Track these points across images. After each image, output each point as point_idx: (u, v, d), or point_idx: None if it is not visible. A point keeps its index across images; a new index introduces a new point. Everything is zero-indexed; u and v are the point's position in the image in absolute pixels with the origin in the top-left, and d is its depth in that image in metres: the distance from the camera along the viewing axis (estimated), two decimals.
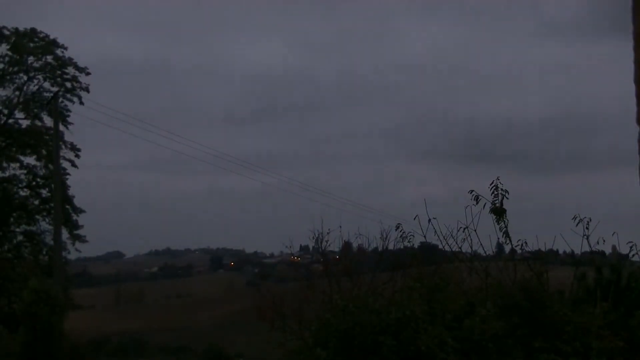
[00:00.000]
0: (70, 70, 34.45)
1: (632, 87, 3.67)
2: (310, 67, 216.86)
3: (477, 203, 11.52)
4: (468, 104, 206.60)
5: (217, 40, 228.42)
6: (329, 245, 15.23)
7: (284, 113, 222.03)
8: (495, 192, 11.46)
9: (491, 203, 11.51)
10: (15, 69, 33.97)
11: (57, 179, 29.64)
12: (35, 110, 34.37)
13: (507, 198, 11.50)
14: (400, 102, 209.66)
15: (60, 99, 32.54)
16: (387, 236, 14.47)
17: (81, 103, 34.08)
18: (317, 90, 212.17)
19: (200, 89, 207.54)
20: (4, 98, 34.26)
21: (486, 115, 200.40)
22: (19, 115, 34.69)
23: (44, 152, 33.77)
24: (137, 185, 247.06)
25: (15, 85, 34.30)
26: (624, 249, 11.98)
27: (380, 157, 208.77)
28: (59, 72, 34.27)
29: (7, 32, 33.73)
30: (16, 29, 33.96)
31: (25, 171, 34.52)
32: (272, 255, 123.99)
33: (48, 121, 33.87)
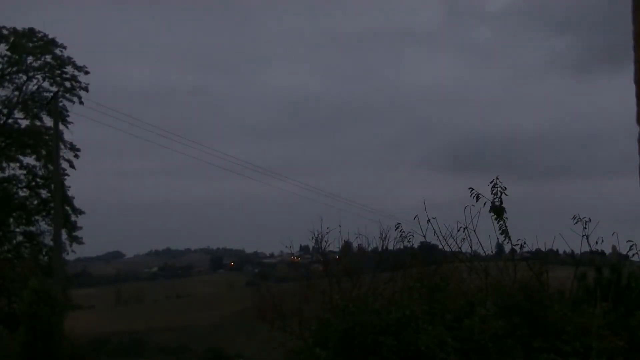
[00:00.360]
0: (70, 69, 34.45)
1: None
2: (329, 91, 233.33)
3: (477, 201, 11.51)
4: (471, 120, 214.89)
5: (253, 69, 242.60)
6: (329, 245, 15.23)
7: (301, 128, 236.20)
8: (495, 191, 11.46)
9: (491, 202, 11.50)
10: (15, 68, 33.95)
11: (56, 179, 29.62)
12: (35, 110, 34.34)
13: (507, 195, 11.49)
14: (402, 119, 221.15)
15: (60, 99, 32.53)
16: (386, 236, 14.47)
17: (81, 103, 34.08)
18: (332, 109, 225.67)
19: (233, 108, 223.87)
20: (4, 98, 34.28)
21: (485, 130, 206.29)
22: (18, 115, 34.71)
23: (43, 152, 33.75)
24: (137, 185, 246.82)
25: (15, 85, 34.31)
26: (623, 249, 11.98)
27: (384, 165, 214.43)
28: (58, 71, 34.24)
29: (5, 32, 33.72)
30: (14, 28, 33.98)
31: (24, 171, 34.52)
32: (272, 255, 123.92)
33: (47, 121, 33.90)
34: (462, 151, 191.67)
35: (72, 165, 34.66)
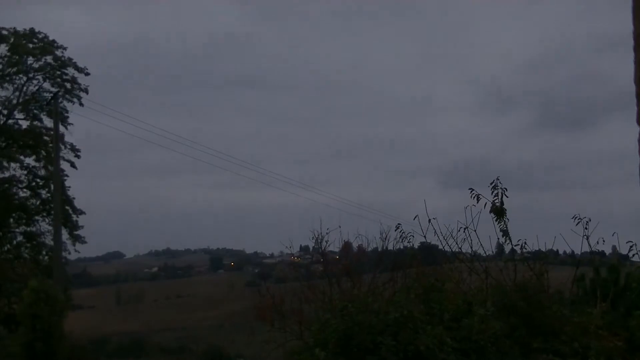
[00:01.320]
0: (70, 70, 34.46)
1: None
2: None
3: (477, 202, 11.52)
4: None
5: None
6: (329, 245, 15.23)
7: None
8: (495, 191, 11.46)
9: (491, 203, 11.50)
10: (15, 69, 33.93)
11: (56, 180, 29.63)
12: (35, 110, 34.37)
13: (507, 196, 11.50)
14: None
15: (60, 100, 32.53)
16: (386, 236, 14.47)
17: (81, 104, 34.09)
18: None
19: None
20: (4, 99, 34.25)
21: None
22: (18, 115, 34.70)
23: (43, 152, 33.76)
24: (137, 185, 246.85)
25: (15, 85, 34.30)
26: (624, 249, 11.99)
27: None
28: (58, 72, 34.25)
29: (6, 33, 33.73)
30: (15, 29, 33.99)
31: (25, 172, 34.52)
32: (272, 256, 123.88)
33: (47, 122, 33.90)
34: None
35: (72, 166, 34.70)
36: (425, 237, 12.70)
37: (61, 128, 32.55)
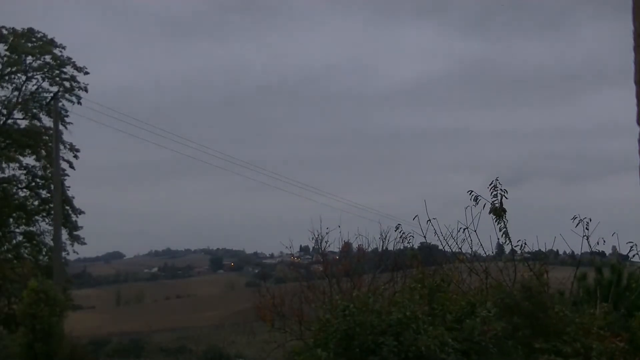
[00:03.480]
0: (69, 69, 34.39)
1: None
2: None
3: (476, 204, 11.49)
4: None
5: None
6: (329, 245, 15.22)
7: None
8: (495, 192, 11.43)
9: (491, 203, 11.47)
10: (14, 69, 33.87)
11: (56, 180, 29.58)
12: (34, 110, 34.29)
13: (507, 198, 11.47)
14: None
15: (59, 99, 32.47)
16: (386, 237, 14.45)
17: (79, 103, 34.02)
18: None
19: None
20: (3, 98, 34.15)
21: None
22: (17, 115, 34.61)
23: (43, 152, 33.69)
24: (137, 185, 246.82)
25: (14, 85, 34.23)
26: (624, 250, 11.96)
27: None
28: (57, 71, 34.18)
29: (5, 32, 33.67)
30: (14, 28, 33.91)
31: (24, 171, 34.45)
32: (272, 256, 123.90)
33: (47, 121, 33.84)
34: None
35: (71, 166, 34.64)
36: (425, 237, 12.70)
37: (60, 127, 32.52)
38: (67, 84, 34.19)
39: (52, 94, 32.19)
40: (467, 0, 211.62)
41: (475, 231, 11.91)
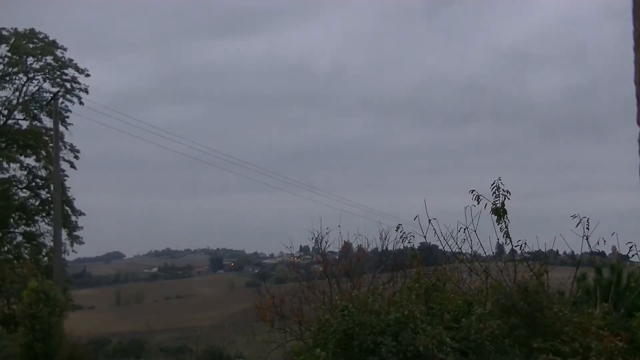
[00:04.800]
0: (70, 71, 34.41)
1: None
2: None
3: (478, 203, 11.49)
4: None
5: None
6: (329, 245, 15.23)
7: None
8: (497, 193, 11.43)
9: (492, 203, 11.48)
10: (15, 69, 33.88)
11: (56, 180, 29.58)
12: (35, 111, 34.30)
13: (509, 198, 11.46)
14: None
15: (60, 100, 32.49)
16: (386, 237, 14.46)
17: (81, 103, 34.04)
18: None
19: None
20: (4, 99, 34.19)
21: None
22: (18, 116, 34.63)
23: (43, 153, 33.71)
24: (137, 185, 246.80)
25: (15, 86, 34.25)
26: (624, 250, 11.96)
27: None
28: (58, 72, 34.20)
29: (6, 33, 33.69)
30: (15, 29, 33.94)
31: (25, 172, 34.46)
32: (272, 256, 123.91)
33: (47, 122, 33.86)
34: None
35: (72, 166, 34.67)
36: (425, 237, 12.71)
37: (61, 128, 32.54)
38: (68, 85, 34.24)
39: (52, 95, 32.19)
40: None
41: (475, 231, 11.93)
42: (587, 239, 11.21)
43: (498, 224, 11.61)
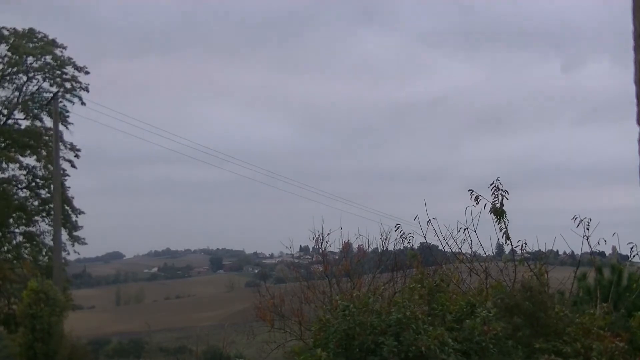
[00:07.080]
0: (70, 70, 34.39)
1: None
2: None
3: (477, 203, 11.50)
4: None
5: None
6: (329, 245, 15.21)
7: None
8: (496, 193, 11.44)
9: (491, 203, 11.48)
10: (15, 69, 33.87)
11: (56, 180, 29.57)
12: (35, 110, 34.29)
13: (507, 199, 11.47)
14: None
15: (60, 99, 32.47)
16: (387, 237, 14.45)
17: (82, 103, 34.02)
18: None
19: None
20: (4, 98, 34.17)
21: None
22: (18, 115, 34.63)
23: (43, 152, 33.69)
24: (137, 184, 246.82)
25: (15, 85, 34.23)
26: (624, 250, 11.97)
27: None
28: (58, 72, 34.18)
29: (6, 33, 33.67)
30: (15, 29, 33.93)
31: (24, 172, 34.46)
32: (272, 256, 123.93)
33: (47, 121, 33.85)
34: None
35: (73, 165, 34.67)
36: (425, 237, 12.71)
37: (61, 128, 32.52)
38: (67, 84, 34.22)
39: (52, 94, 32.18)
40: None
41: (475, 231, 11.93)
42: (587, 239, 11.23)
43: (497, 224, 11.62)
